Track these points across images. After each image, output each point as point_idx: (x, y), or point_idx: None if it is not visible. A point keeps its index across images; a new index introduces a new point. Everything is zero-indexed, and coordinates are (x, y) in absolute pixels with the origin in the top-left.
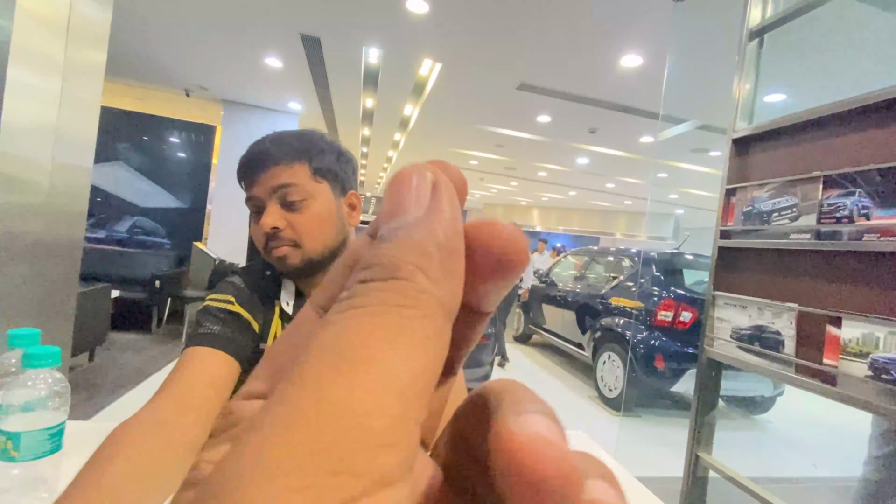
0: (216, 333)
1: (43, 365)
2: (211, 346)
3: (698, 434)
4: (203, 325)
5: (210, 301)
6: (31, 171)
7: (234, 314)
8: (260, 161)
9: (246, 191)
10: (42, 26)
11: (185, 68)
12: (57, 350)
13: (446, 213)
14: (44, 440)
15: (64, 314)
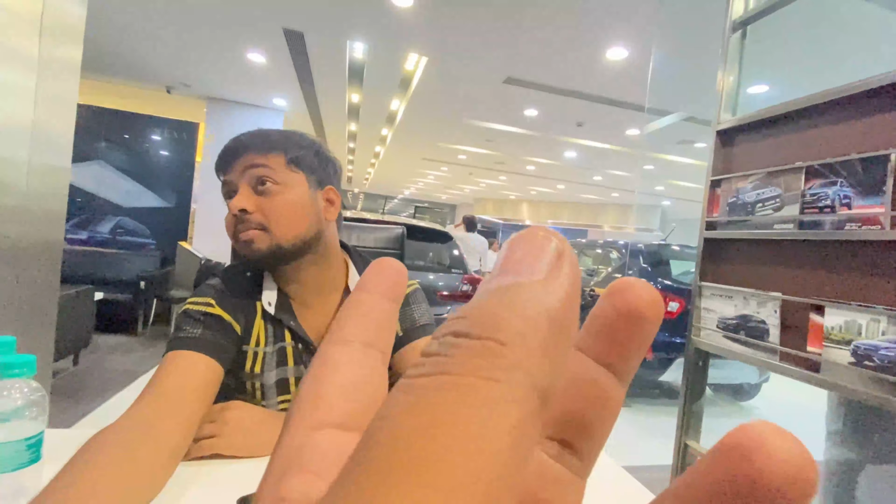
0: (197, 337)
1: (18, 375)
2: (193, 350)
3: (686, 422)
4: (183, 328)
5: (190, 304)
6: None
7: (215, 317)
8: (235, 149)
9: (221, 178)
10: (15, 21)
11: (166, 65)
12: (32, 359)
13: (567, 285)
14: (22, 451)
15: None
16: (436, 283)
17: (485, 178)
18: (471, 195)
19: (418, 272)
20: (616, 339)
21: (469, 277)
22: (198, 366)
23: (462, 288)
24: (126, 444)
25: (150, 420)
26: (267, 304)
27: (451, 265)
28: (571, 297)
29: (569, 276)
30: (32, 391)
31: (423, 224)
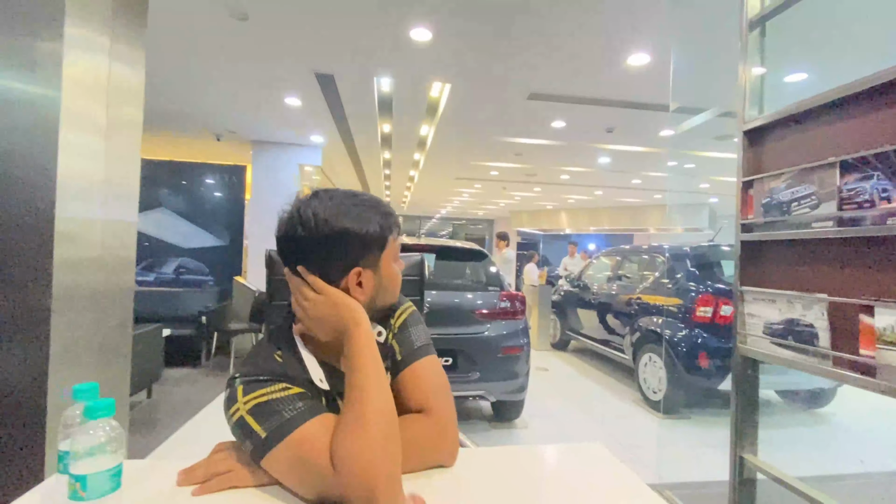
0: (303, 409)
1: (101, 416)
2: (310, 419)
3: (741, 434)
4: (285, 412)
5: (272, 394)
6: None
7: (298, 393)
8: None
9: (396, 238)
10: (85, 91)
11: (214, 116)
12: (111, 402)
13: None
14: (105, 480)
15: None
16: (474, 302)
17: (519, 191)
18: (506, 208)
19: (455, 291)
20: None
21: (507, 294)
22: (329, 425)
23: (500, 305)
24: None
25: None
26: (319, 381)
27: (488, 283)
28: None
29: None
30: (113, 429)
31: (457, 244)
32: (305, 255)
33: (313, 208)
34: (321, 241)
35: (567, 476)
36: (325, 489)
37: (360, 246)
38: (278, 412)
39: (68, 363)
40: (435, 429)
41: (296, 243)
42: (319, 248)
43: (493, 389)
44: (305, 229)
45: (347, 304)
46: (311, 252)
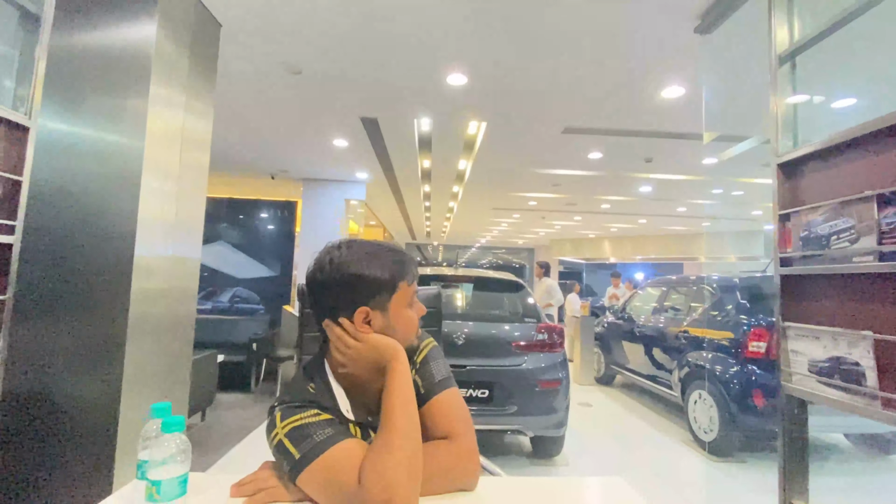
0: (332, 433)
1: (174, 430)
2: (338, 443)
3: (789, 478)
4: (315, 435)
5: (305, 419)
6: (158, 262)
7: (328, 419)
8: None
9: (410, 284)
10: (164, 141)
11: (269, 157)
12: (182, 418)
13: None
14: (175, 486)
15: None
16: (511, 334)
17: (559, 220)
18: (546, 237)
19: (492, 323)
20: None
21: (544, 326)
22: (353, 448)
23: (537, 337)
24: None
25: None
26: (346, 412)
27: (525, 314)
28: None
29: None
30: (182, 442)
31: (493, 275)
32: (321, 296)
33: (331, 255)
34: (332, 284)
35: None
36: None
37: (368, 288)
38: (310, 436)
39: (139, 386)
40: (459, 454)
41: (314, 286)
42: (331, 290)
43: (530, 424)
44: (323, 274)
45: (387, 343)
46: (325, 293)
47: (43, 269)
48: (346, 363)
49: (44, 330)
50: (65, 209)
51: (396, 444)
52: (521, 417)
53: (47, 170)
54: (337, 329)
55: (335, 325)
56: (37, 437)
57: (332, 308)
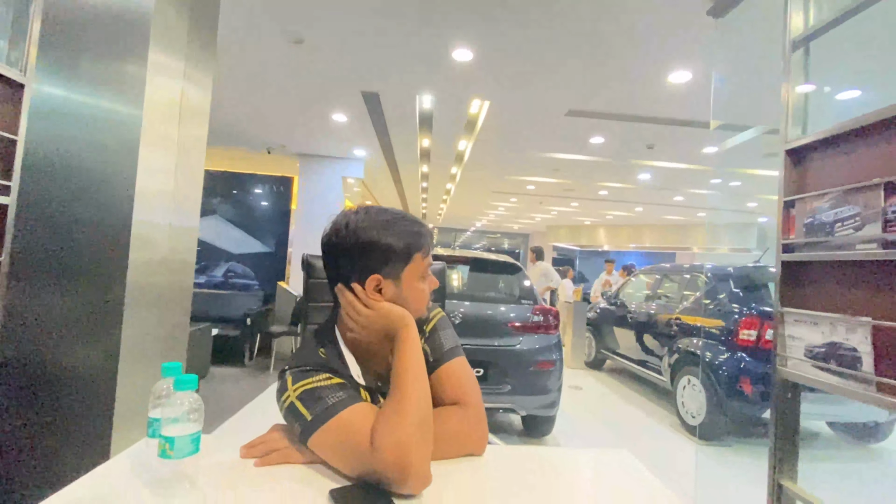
0: (344, 397)
1: (187, 388)
2: (350, 406)
3: (780, 460)
4: (328, 398)
5: (316, 382)
6: (156, 234)
7: (340, 383)
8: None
9: (425, 256)
10: (162, 112)
11: (266, 131)
12: (195, 377)
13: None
14: (188, 443)
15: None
16: (507, 315)
17: (556, 206)
18: (542, 223)
19: (489, 303)
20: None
21: (540, 308)
22: (366, 411)
23: (533, 319)
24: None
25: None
26: (357, 377)
27: (521, 296)
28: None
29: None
30: (195, 401)
31: (491, 257)
32: (335, 260)
33: (348, 219)
34: (347, 248)
35: (591, 480)
36: (363, 467)
37: (382, 256)
38: (323, 398)
39: (136, 355)
40: (469, 419)
41: (328, 250)
42: (345, 254)
43: (523, 403)
44: (338, 237)
45: (397, 311)
46: (339, 257)
47: (40, 235)
48: (356, 329)
49: (41, 295)
50: (62, 175)
51: (408, 408)
52: (515, 396)
53: (43, 135)
54: (349, 295)
55: (347, 290)
56: (34, 402)
57: (345, 273)
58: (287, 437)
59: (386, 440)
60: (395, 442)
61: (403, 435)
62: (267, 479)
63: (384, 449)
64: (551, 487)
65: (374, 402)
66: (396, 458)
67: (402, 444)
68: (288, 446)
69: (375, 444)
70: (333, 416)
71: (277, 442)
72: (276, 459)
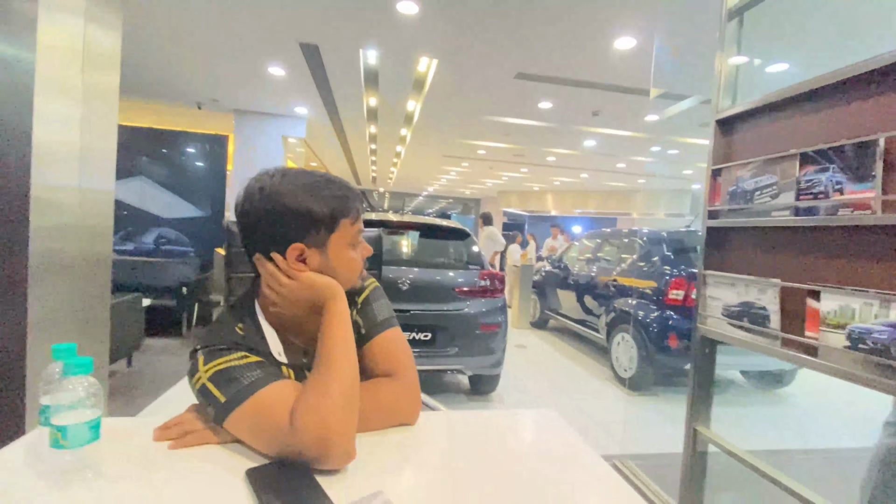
0: (261, 376)
1: (79, 373)
2: (269, 384)
3: (696, 408)
4: (242, 378)
5: (229, 363)
6: (62, 194)
7: (257, 361)
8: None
9: (354, 222)
10: (60, 56)
11: (195, 83)
12: (89, 360)
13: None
14: (85, 431)
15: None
16: (455, 280)
17: (506, 171)
18: (493, 188)
19: (437, 269)
20: None
21: (487, 273)
22: (284, 390)
23: (480, 284)
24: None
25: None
26: (277, 354)
27: (469, 261)
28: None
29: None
30: (91, 385)
31: (440, 222)
32: (251, 229)
33: (262, 183)
34: (263, 215)
35: (518, 439)
36: (282, 446)
37: (303, 224)
38: (237, 379)
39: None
40: (401, 390)
41: (243, 217)
42: (262, 222)
43: (470, 364)
44: (252, 205)
45: (323, 281)
46: (255, 226)
47: None
48: (279, 302)
49: None
50: None
51: (332, 385)
52: (462, 358)
53: None
54: (269, 265)
55: (267, 260)
56: None
57: (264, 243)
58: (204, 418)
59: (306, 418)
60: (315, 418)
61: (326, 409)
62: (181, 461)
63: (303, 427)
64: (479, 450)
65: (300, 379)
66: (316, 435)
67: (323, 418)
68: (204, 427)
69: (295, 423)
70: (248, 397)
71: (193, 423)
72: (192, 441)
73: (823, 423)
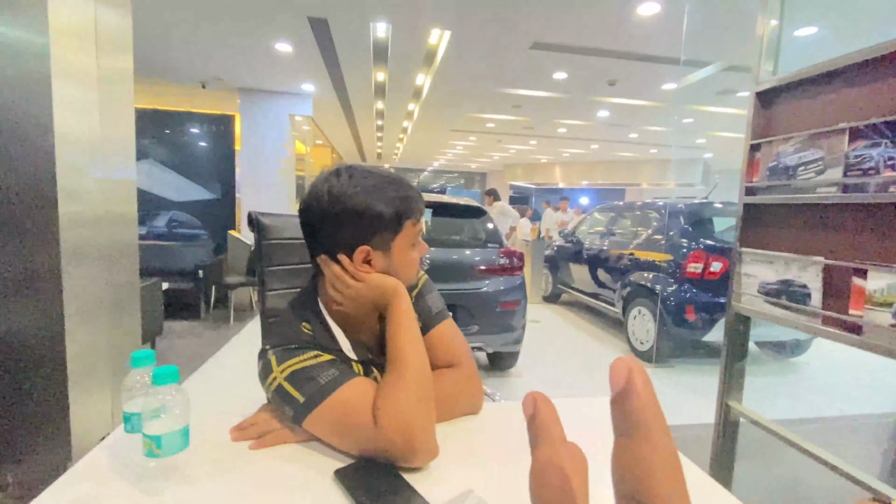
0: (337, 375)
1: (168, 382)
2: (351, 379)
3: (728, 384)
4: (319, 378)
5: (303, 362)
6: (87, 182)
7: (330, 360)
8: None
9: (416, 223)
10: (73, 37)
11: (199, 61)
12: (175, 369)
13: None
14: (178, 439)
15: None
16: (472, 259)
17: (514, 144)
18: (500, 162)
19: (456, 248)
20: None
21: (506, 251)
22: (363, 387)
23: (499, 262)
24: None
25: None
26: (347, 351)
27: (487, 240)
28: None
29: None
30: (179, 393)
31: (455, 200)
32: (317, 230)
33: (329, 184)
34: (331, 218)
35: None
36: (366, 444)
37: (370, 226)
38: (314, 378)
39: (83, 320)
40: (464, 380)
41: (309, 218)
42: (329, 224)
43: (490, 342)
44: (320, 205)
45: (389, 283)
46: (322, 227)
47: None
48: (344, 302)
49: None
50: None
51: (410, 382)
52: (483, 336)
53: None
54: (335, 268)
55: (333, 262)
56: None
57: (329, 244)
58: (278, 417)
59: (389, 417)
60: (399, 418)
61: (407, 410)
62: (264, 462)
63: (388, 426)
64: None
65: (368, 375)
66: (402, 435)
67: (406, 420)
68: (282, 426)
69: (379, 422)
70: (328, 395)
71: (270, 423)
72: (272, 441)
73: (840, 392)
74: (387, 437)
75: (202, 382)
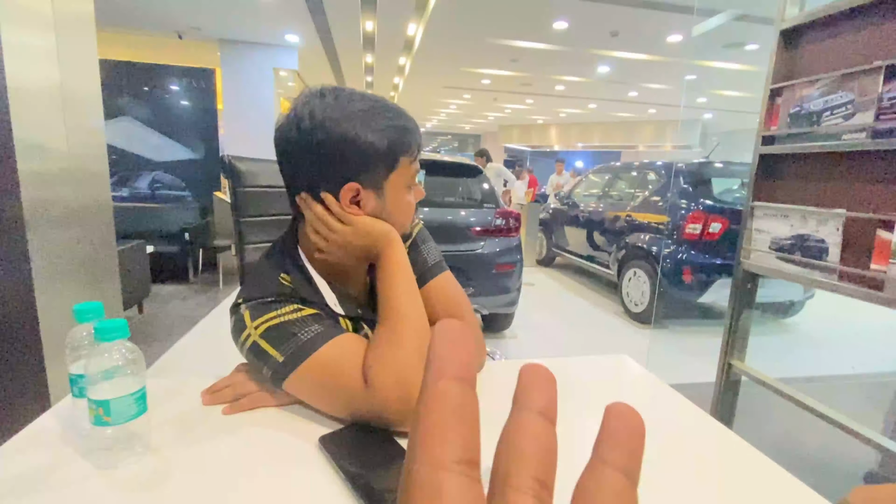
0: (321, 331)
1: (114, 338)
2: (337, 335)
3: (732, 343)
4: (300, 334)
5: (283, 317)
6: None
7: (313, 314)
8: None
9: (413, 161)
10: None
11: (174, 9)
12: (124, 322)
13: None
14: (131, 404)
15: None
16: (468, 220)
17: (510, 104)
18: (495, 122)
19: (449, 209)
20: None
21: (502, 212)
22: (351, 344)
23: (495, 223)
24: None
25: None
26: (333, 305)
27: (483, 200)
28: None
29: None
30: (129, 351)
31: (450, 160)
32: (296, 161)
33: (311, 107)
34: (313, 146)
35: (595, 386)
36: (355, 407)
37: (359, 159)
38: (294, 335)
39: (54, 280)
40: None
41: (286, 147)
42: (310, 155)
43: (486, 304)
44: (298, 131)
45: (381, 228)
46: (300, 160)
47: None
48: (327, 249)
49: None
50: None
51: (406, 336)
52: (478, 298)
53: None
54: (318, 208)
55: (315, 202)
56: None
57: (311, 179)
58: (256, 378)
59: (385, 376)
60: (395, 377)
61: (403, 368)
62: (238, 428)
63: (384, 386)
64: (560, 400)
65: (357, 332)
66: (399, 395)
67: (403, 377)
68: (259, 388)
69: (372, 382)
70: (311, 353)
71: (246, 384)
72: (248, 404)
73: (835, 351)
74: (382, 398)
75: (190, 347)
